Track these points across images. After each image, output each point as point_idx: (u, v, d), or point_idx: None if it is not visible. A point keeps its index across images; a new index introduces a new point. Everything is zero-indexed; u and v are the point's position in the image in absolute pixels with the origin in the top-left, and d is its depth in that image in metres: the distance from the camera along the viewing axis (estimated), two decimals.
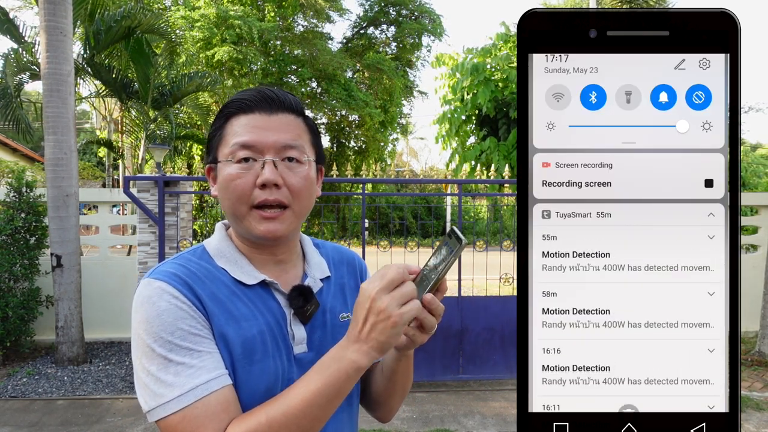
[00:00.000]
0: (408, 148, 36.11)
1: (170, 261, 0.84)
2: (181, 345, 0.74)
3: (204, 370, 0.73)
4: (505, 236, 5.19)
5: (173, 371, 0.73)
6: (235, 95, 0.85)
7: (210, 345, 0.76)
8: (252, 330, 0.80)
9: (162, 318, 0.74)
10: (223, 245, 0.87)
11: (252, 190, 0.80)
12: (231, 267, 0.84)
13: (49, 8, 4.95)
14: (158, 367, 0.73)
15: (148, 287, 0.77)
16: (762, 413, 4.09)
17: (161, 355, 0.73)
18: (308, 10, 17.10)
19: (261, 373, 0.79)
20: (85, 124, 23.45)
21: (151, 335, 0.74)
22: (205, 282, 0.80)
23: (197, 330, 0.75)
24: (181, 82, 9.70)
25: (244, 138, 0.81)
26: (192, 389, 0.71)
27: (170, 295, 0.76)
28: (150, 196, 4.94)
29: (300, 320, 0.86)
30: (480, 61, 13.41)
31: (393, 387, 0.93)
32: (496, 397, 4.36)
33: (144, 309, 0.76)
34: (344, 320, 0.92)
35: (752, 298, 5.75)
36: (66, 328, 5.07)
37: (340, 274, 0.98)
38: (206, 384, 0.72)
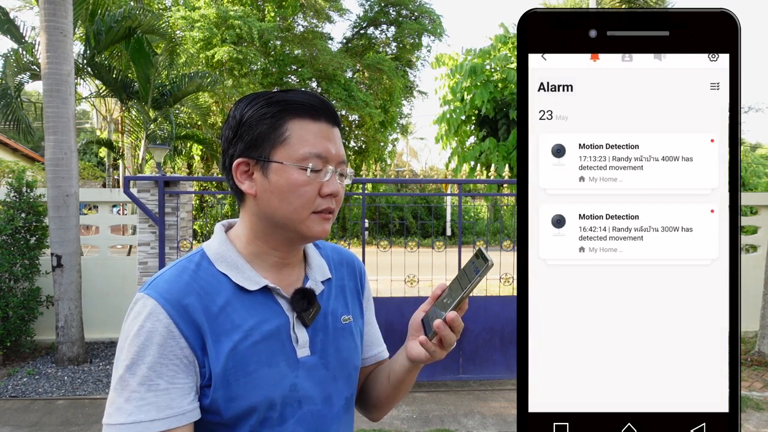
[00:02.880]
0: (408, 148, 36.13)
1: (169, 271, 0.82)
2: (145, 373, 0.74)
3: (153, 407, 0.73)
4: (505, 236, 5.19)
5: (125, 396, 0.73)
6: (291, 95, 0.83)
7: (175, 379, 0.75)
8: (246, 341, 0.80)
9: (139, 339, 0.75)
10: (224, 249, 0.86)
11: (316, 198, 0.82)
12: (232, 272, 0.83)
13: (49, 8, 4.95)
14: (117, 383, 0.74)
15: (140, 303, 0.78)
16: (762, 413, 4.09)
17: (121, 375, 0.74)
18: (308, 10, 17.10)
19: (256, 384, 0.79)
20: (86, 124, 23.46)
21: (124, 351, 0.75)
22: (200, 295, 0.80)
23: (169, 360, 0.75)
24: (181, 82, 9.71)
25: (319, 149, 0.81)
26: (134, 423, 0.72)
27: (156, 318, 0.76)
28: (150, 196, 4.94)
29: (302, 323, 0.86)
30: (479, 62, 13.41)
31: (396, 393, 0.95)
32: (496, 397, 4.36)
33: (129, 323, 0.77)
34: (346, 323, 0.93)
35: (752, 298, 5.75)
36: (66, 328, 5.07)
37: (341, 276, 0.98)
38: (150, 422, 0.72)
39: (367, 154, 18.47)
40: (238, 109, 0.84)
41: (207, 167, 13.83)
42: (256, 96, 0.84)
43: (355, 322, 0.96)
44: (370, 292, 1.06)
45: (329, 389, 0.87)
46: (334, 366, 0.89)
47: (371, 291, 1.07)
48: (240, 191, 0.84)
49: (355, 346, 0.94)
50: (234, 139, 0.83)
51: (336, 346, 0.89)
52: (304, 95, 0.83)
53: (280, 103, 0.82)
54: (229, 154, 0.84)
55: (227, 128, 0.85)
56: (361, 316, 0.99)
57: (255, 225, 0.86)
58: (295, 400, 0.83)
